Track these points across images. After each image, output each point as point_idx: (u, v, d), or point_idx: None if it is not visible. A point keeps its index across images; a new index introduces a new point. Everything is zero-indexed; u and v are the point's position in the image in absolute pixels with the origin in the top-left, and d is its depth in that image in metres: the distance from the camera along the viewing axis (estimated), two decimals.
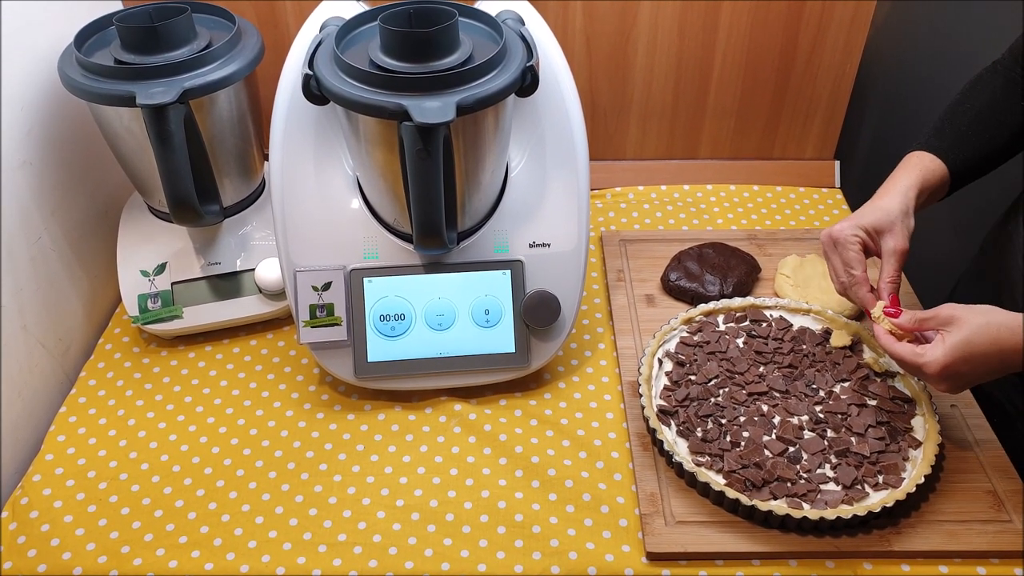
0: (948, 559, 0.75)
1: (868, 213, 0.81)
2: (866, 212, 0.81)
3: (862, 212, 0.82)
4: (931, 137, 0.85)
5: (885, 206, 0.81)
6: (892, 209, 0.80)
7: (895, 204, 0.80)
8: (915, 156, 0.84)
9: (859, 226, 0.81)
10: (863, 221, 0.81)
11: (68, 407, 0.91)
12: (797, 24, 1.13)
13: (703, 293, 0.99)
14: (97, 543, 0.77)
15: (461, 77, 0.72)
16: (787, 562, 0.75)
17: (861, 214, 0.81)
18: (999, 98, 0.84)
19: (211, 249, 0.97)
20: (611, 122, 1.22)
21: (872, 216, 0.81)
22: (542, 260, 0.88)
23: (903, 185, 0.82)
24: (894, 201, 0.81)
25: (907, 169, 0.83)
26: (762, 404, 0.84)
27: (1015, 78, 0.84)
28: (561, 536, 0.77)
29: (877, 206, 0.81)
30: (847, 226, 0.81)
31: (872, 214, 0.81)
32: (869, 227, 0.81)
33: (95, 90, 0.82)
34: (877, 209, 0.81)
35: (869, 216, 0.81)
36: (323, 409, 0.90)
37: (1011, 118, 0.84)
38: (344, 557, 0.76)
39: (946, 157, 0.83)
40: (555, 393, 0.92)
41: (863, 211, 0.82)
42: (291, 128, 0.84)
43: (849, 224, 0.81)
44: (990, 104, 0.84)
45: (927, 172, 0.82)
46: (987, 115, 0.84)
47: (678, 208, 1.19)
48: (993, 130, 0.84)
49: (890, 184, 0.83)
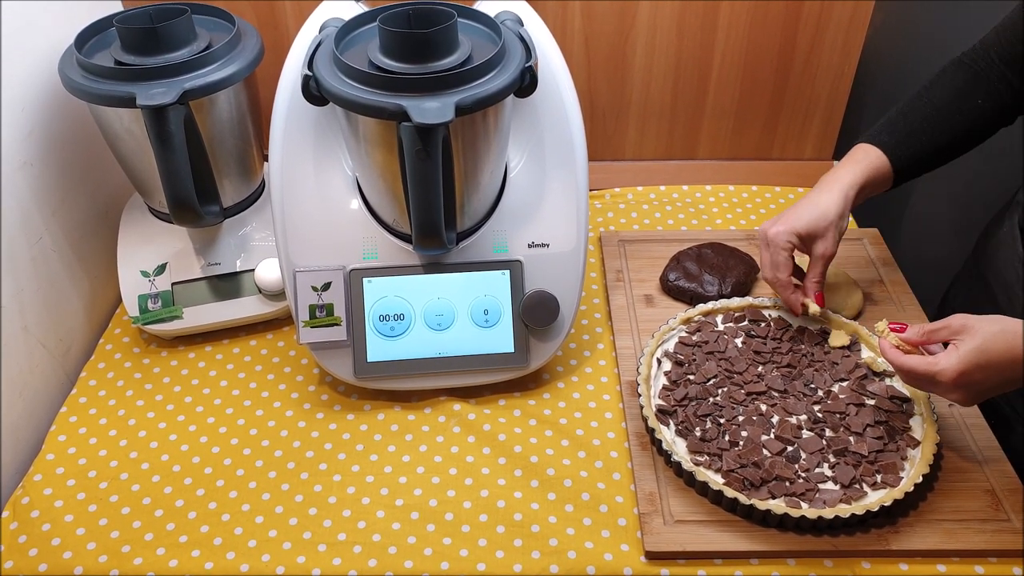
0: (946, 558, 0.75)
1: (805, 214, 0.84)
2: (803, 213, 0.84)
3: (799, 213, 0.84)
4: (882, 132, 0.86)
5: (823, 208, 0.83)
6: (829, 212, 0.83)
7: (833, 206, 0.83)
8: (862, 150, 0.86)
9: (793, 231, 0.84)
10: (798, 225, 0.83)
11: (69, 407, 0.91)
12: (796, 24, 1.13)
13: (702, 293, 0.99)
14: (98, 542, 0.78)
15: (460, 78, 0.73)
16: (785, 561, 0.75)
17: (798, 215, 0.84)
18: (959, 94, 0.85)
19: (211, 249, 0.97)
20: (610, 122, 1.22)
21: (808, 219, 0.83)
22: (541, 260, 0.88)
23: (845, 183, 0.84)
24: (833, 201, 0.83)
25: (853, 164, 0.85)
26: (761, 404, 0.85)
27: (978, 72, 0.84)
28: (560, 535, 0.78)
29: (815, 206, 0.83)
30: (782, 231, 0.84)
31: (809, 217, 0.83)
32: (803, 231, 0.84)
33: (95, 91, 0.82)
34: (815, 210, 0.83)
35: (805, 219, 0.83)
36: (323, 409, 0.90)
37: (966, 115, 0.85)
38: (344, 556, 0.76)
39: (893, 154, 0.85)
40: (554, 393, 0.92)
41: (801, 211, 0.84)
42: (291, 129, 0.84)
43: (784, 229, 0.84)
44: (948, 101, 0.85)
45: (871, 170, 0.84)
46: (944, 112, 0.85)
47: (677, 208, 1.20)
48: (945, 128, 0.85)
49: (833, 179, 0.85)
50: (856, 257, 1.07)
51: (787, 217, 0.85)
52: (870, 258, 1.07)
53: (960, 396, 0.71)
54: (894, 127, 0.86)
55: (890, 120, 0.87)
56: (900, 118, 0.86)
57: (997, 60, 0.84)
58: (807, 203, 0.85)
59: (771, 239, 0.85)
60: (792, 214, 0.85)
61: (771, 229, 0.85)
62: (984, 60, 0.85)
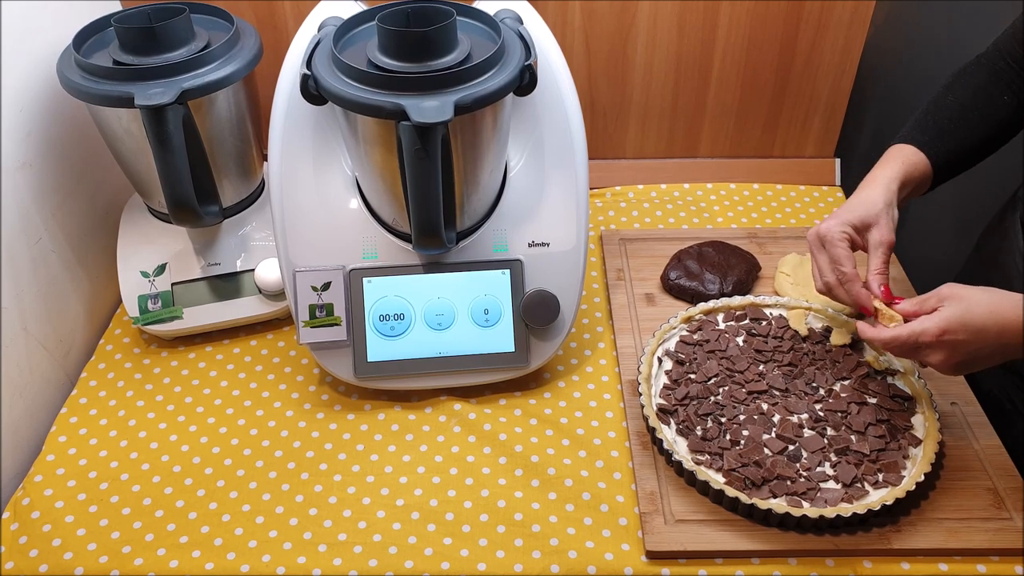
0: (948, 557, 0.75)
1: (853, 208, 0.81)
2: (851, 207, 0.81)
3: (847, 208, 0.81)
4: (913, 130, 0.85)
5: (869, 199, 0.80)
6: (876, 201, 0.80)
7: (879, 196, 0.80)
8: (896, 149, 0.84)
9: (846, 222, 0.80)
10: (849, 217, 0.80)
11: (69, 408, 0.91)
12: (797, 22, 1.13)
13: (703, 292, 0.99)
14: (98, 543, 0.78)
15: (459, 76, 0.72)
16: (787, 560, 0.75)
17: (846, 209, 0.81)
18: (982, 91, 0.84)
19: (211, 250, 0.97)
20: (611, 121, 1.22)
21: (857, 211, 0.80)
22: (541, 259, 0.88)
23: (885, 177, 0.81)
24: (877, 193, 0.80)
25: (889, 162, 0.83)
26: (762, 402, 0.84)
27: (999, 70, 0.84)
28: (561, 535, 0.77)
29: (861, 199, 0.81)
30: (834, 224, 0.80)
31: (857, 208, 0.80)
32: (856, 222, 0.80)
33: (94, 91, 0.82)
34: (861, 202, 0.81)
35: (854, 211, 0.80)
36: (323, 409, 0.90)
37: (994, 111, 0.83)
38: (344, 556, 0.76)
39: (928, 150, 0.83)
40: (555, 392, 0.92)
41: (848, 206, 0.81)
42: (290, 128, 0.84)
43: (836, 221, 0.80)
44: (973, 97, 0.84)
45: (909, 165, 0.82)
46: (970, 108, 0.84)
47: (678, 207, 1.19)
48: (976, 123, 0.84)
49: (872, 177, 0.82)
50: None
51: (834, 214, 0.82)
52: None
53: (943, 357, 0.71)
54: (924, 126, 0.84)
55: (919, 121, 0.85)
56: (929, 118, 0.85)
57: (1012, 61, 0.83)
58: (850, 201, 0.82)
59: (824, 235, 0.81)
60: (838, 211, 0.82)
61: (821, 226, 0.81)
62: (1002, 61, 0.84)
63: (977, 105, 0.83)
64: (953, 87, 0.86)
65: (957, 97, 0.84)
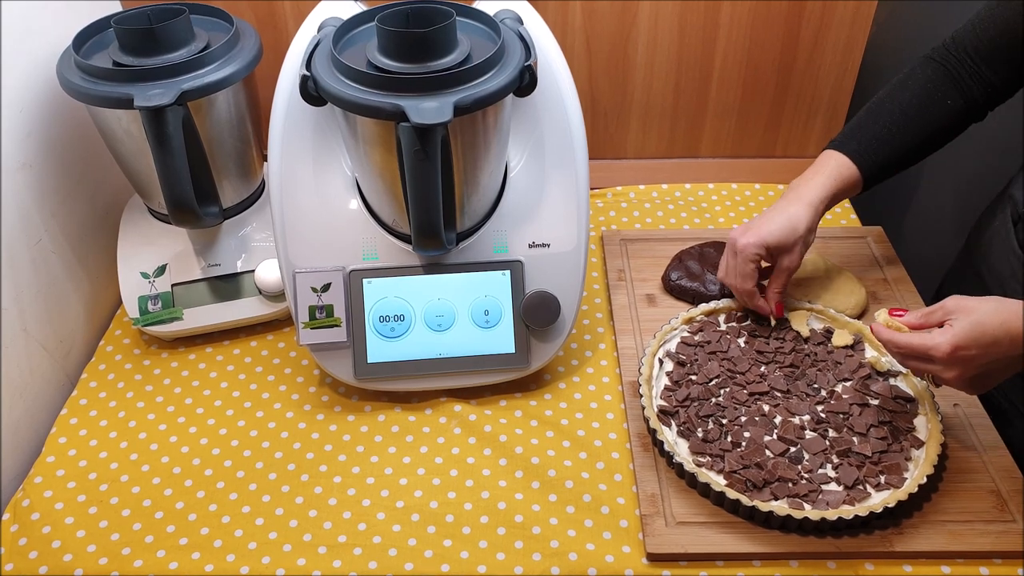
0: (950, 559, 0.74)
1: (775, 227, 0.84)
2: (773, 228, 0.84)
3: (770, 225, 0.85)
4: (850, 137, 0.87)
5: (794, 222, 0.84)
6: (799, 226, 0.84)
7: (803, 220, 0.84)
8: (832, 157, 0.86)
9: (763, 243, 0.84)
10: (769, 238, 0.84)
11: (69, 409, 0.91)
12: (798, 21, 1.12)
13: (704, 292, 0.98)
14: (98, 545, 0.78)
15: (459, 77, 0.72)
16: (788, 563, 0.75)
17: (768, 228, 0.84)
18: (926, 95, 0.85)
19: (211, 251, 0.97)
20: (611, 121, 1.22)
21: (779, 233, 0.84)
22: (542, 260, 0.87)
23: (816, 196, 0.85)
24: (803, 216, 0.84)
25: (822, 175, 0.86)
26: (763, 404, 0.84)
27: (949, 68, 0.85)
28: (561, 537, 0.77)
29: (786, 219, 0.84)
30: (752, 243, 0.85)
31: (779, 230, 0.84)
32: (772, 245, 0.85)
33: (93, 92, 0.82)
34: (785, 224, 0.84)
35: (775, 234, 0.84)
36: (323, 410, 0.90)
37: (935, 117, 0.85)
38: (344, 558, 0.76)
39: (861, 162, 0.85)
40: (555, 394, 0.91)
41: (771, 223, 0.85)
42: (290, 129, 0.84)
43: (754, 242, 0.85)
44: (917, 103, 0.85)
45: (840, 181, 0.85)
46: (911, 115, 0.85)
47: (679, 207, 1.19)
48: (915, 130, 0.85)
49: (804, 191, 0.85)
50: (860, 255, 1.06)
51: (757, 228, 0.85)
52: (874, 256, 1.06)
53: (956, 373, 0.70)
54: (862, 133, 0.87)
55: (858, 125, 0.87)
56: (868, 122, 0.87)
57: (972, 54, 0.84)
58: (777, 214, 0.85)
59: (740, 250, 0.86)
60: (762, 225, 0.85)
61: (740, 239, 0.86)
62: (956, 56, 0.85)
63: (919, 111, 0.85)
64: (897, 89, 0.87)
65: (899, 101, 0.86)
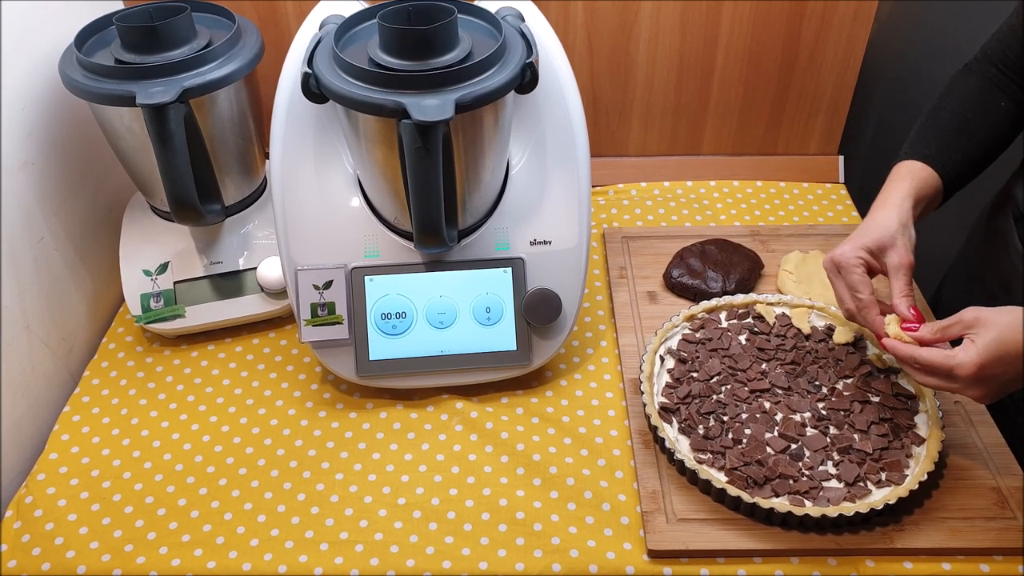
0: (951, 556, 0.74)
1: (867, 231, 0.78)
2: (865, 230, 0.79)
3: (861, 231, 0.79)
4: (916, 145, 0.83)
5: (883, 220, 0.78)
6: (890, 224, 0.78)
7: (892, 217, 0.78)
8: (904, 166, 0.82)
9: (861, 247, 0.78)
10: (864, 241, 0.78)
11: (72, 406, 0.91)
12: (800, 19, 1.12)
13: (705, 290, 0.98)
14: (101, 541, 0.78)
15: (460, 75, 0.72)
16: (789, 559, 0.75)
17: (860, 233, 0.79)
18: (978, 99, 0.83)
19: (213, 248, 0.97)
20: (613, 119, 1.22)
21: (872, 234, 0.78)
22: (543, 258, 0.87)
23: (897, 197, 0.79)
24: (890, 214, 0.78)
25: (898, 180, 0.81)
26: (764, 401, 0.84)
27: (991, 76, 0.83)
28: (562, 534, 0.77)
29: (874, 222, 0.78)
30: (848, 249, 0.78)
31: (871, 232, 0.78)
32: (871, 246, 0.78)
33: (96, 90, 0.82)
34: (875, 225, 0.78)
35: (868, 234, 0.78)
36: (325, 407, 0.90)
37: (992, 117, 0.82)
38: (346, 555, 0.76)
39: (935, 164, 0.81)
40: (556, 391, 0.92)
41: (862, 230, 0.79)
42: (291, 127, 0.84)
43: (850, 247, 0.78)
44: (970, 106, 0.83)
45: (920, 181, 0.80)
46: (969, 118, 0.82)
47: (680, 204, 1.19)
48: (976, 132, 0.82)
49: (883, 198, 0.80)
50: None
51: (847, 239, 0.79)
52: None
53: (980, 392, 0.69)
54: (927, 140, 0.82)
55: (919, 135, 0.83)
56: (929, 131, 0.83)
57: (1008, 68, 0.82)
58: (864, 224, 0.79)
59: (839, 260, 0.78)
60: (852, 236, 0.79)
61: (835, 253, 0.79)
62: (993, 68, 0.83)
63: (975, 113, 0.82)
64: (948, 98, 0.84)
65: (954, 107, 0.83)
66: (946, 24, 1.11)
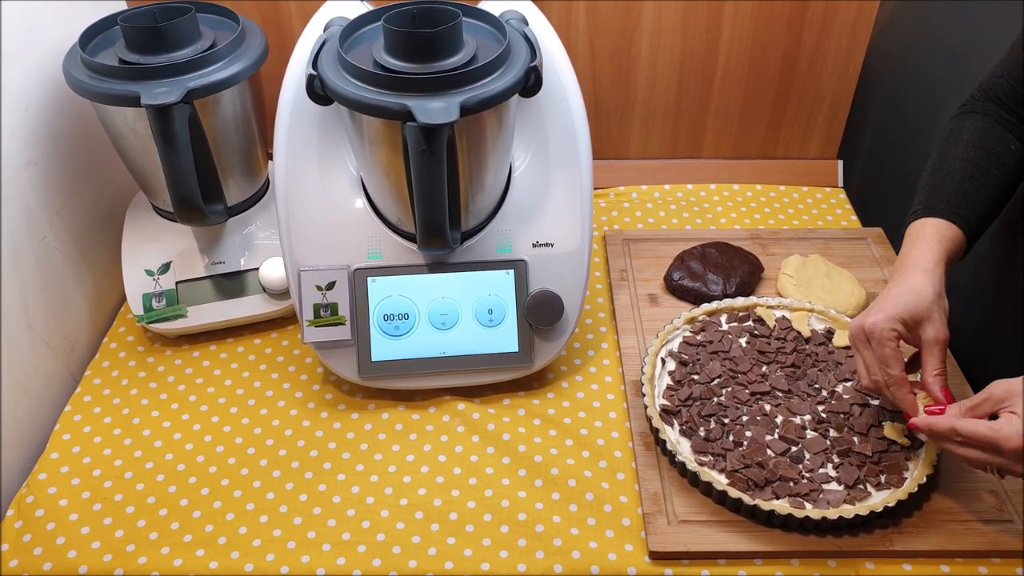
0: (950, 559, 0.75)
1: (901, 299, 0.72)
2: (899, 299, 0.72)
3: (894, 299, 0.72)
4: (932, 199, 0.77)
5: (917, 289, 0.72)
6: (926, 293, 0.71)
7: (928, 287, 0.72)
8: (928, 225, 0.76)
9: (895, 318, 0.71)
10: (899, 311, 0.72)
11: (73, 406, 0.91)
12: (800, 23, 1.13)
13: (706, 293, 0.99)
14: (102, 541, 0.78)
15: (465, 78, 0.73)
16: (789, 561, 0.75)
17: (894, 302, 0.72)
18: (986, 141, 0.79)
19: (215, 248, 0.97)
20: (614, 121, 1.22)
21: (908, 304, 0.72)
22: (545, 260, 0.88)
23: (930, 261, 0.73)
24: (925, 282, 0.72)
25: (926, 242, 0.75)
26: (765, 404, 0.85)
27: (994, 114, 0.79)
28: (564, 535, 0.78)
29: (909, 289, 0.72)
30: (882, 319, 0.71)
31: (906, 301, 0.72)
32: (907, 317, 0.72)
33: (100, 90, 0.82)
34: (909, 294, 0.72)
35: (904, 304, 0.72)
36: (327, 408, 0.90)
37: (1004, 159, 0.78)
38: (348, 556, 0.76)
39: (959, 220, 0.75)
40: (558, 392, 0.92)
41: (894, 298, 0.72)
42: (295, 128, 0.84)
43: (884, 316, 0.71)
44: (980, 151, 0.78)
45: (948, 243, 0.74)
46: (982, 164, 0.78)
47: (681, 207, 1.19)
48: (991, 178, 0.77)
49: (912, 262, 0.74)
50: (860, 256, 1.07)
51: (879, 306, 0.73)
52: (874, 257, 1.07)
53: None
54: (942, 194, 0.77)
55: (933, 188, 0.78)
56: (944, 183, 0.78)
57: (1010, 101, 0.79)
58: (894, 290, 0.73)
59: (871, 331, 0.72)
60: (883, 303, 0.73)
61: (867, 321, 0.72)
62: (994, 104, 0.80)
63: (987, 159, 0.78)
64: (954, 144, 0.79)
65: (963, 154, 0.78)
66: (946, 29, 1.12)
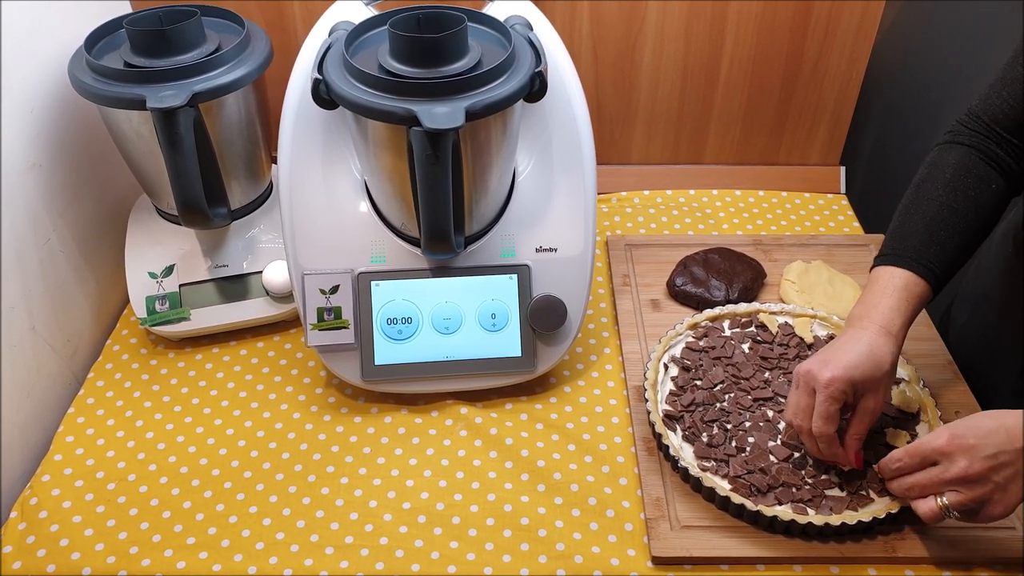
0: (952, 566, 0.75)
1: (859, 362, 0.73)
2: (857, 360, 0.73)
3: (853, 359, 0.73)
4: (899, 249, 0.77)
5: (878, 357, 0.73)
6: (884, 363, 0.73)
7: (887, 355, 0.73)
8: (897, 278, 0.75)
9: (850, 380, 0.72)
10: (853, 375, 0.72)
11: (76, 408, 0.91)
12: (803, 30, 1.13)
13: (708, 298, 0.99)
14: (106, 543, 0.78)
15: (470, 83, 0.73)
16: (792, 567, 0.75)
17: (853, 363, 0.72)
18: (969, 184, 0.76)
19: (219, 251, 0.97)
20: (617, 127, 1.23)
21: (864, 370, 0.73)
22: (549, 264, 0.88)
23: (895, 324, 0.74)
24: (886, 350, 0.73)
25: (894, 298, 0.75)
26: (767, 409, 0.85)
27: (981, 146, 0.77)
28: (567, 540, 0.78)
29: (868, 353, 0.73)
30: (838, 378, 0.72)
31: (863, 367, 0.73)
32: (859, 382, 0.73)
33: (105, 93, 0.82)
34: (868, 360, 0.73)
35: (861, 369, 0.72)
36: (330, 412, 0.91)
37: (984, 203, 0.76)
38: (351, 559, 0.76)
39: (926, 273, 0.75)
40: (561, 397, 0.92)
41: (853, 356, 0.73)
42: (299, 131, 0.84)
43: (840, 376, 0.72)
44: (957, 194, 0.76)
45: (915, 301, 0.75)
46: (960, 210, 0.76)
47: (683, 213, 1.20)
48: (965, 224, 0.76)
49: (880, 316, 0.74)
50: (863, 263, 1.07)
51: (837, 360, 0.73)
52: None
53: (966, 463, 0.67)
54: (910, 240, 0.76)
55: (902, 232, 0.77)
56: (912, 226, 0.77)
57: (998, 128, 0.76)
58: (854, 343, 0.73)
59: (824, 386, 0.72)
60: (842, 357, 0.73)
61: (823, 374, 0.72)
62: (981, 133, 0.77)
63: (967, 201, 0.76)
64: (932, 182, 0.78)
65: (942, 197, 0.77)
66: (949, 34, 1.12)
